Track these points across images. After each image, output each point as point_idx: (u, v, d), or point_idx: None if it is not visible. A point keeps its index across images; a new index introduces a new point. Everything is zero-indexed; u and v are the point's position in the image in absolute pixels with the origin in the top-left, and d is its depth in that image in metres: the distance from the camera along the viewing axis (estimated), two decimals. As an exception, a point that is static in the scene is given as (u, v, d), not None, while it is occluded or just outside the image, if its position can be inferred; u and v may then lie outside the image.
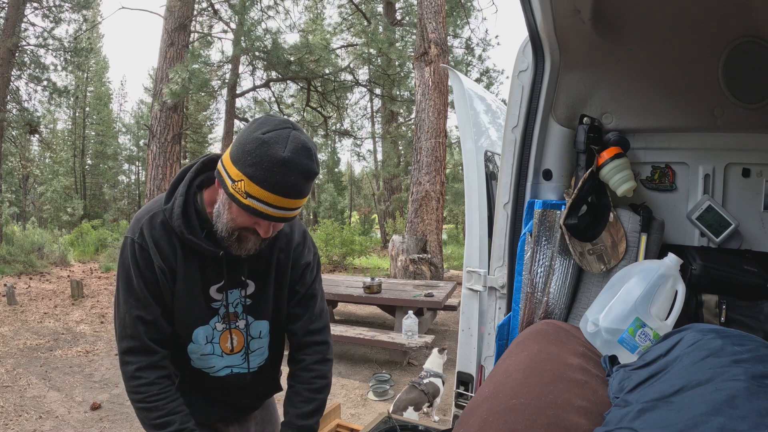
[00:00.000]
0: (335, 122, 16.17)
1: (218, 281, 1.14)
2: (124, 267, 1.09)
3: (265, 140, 0.94)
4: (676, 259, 1.18)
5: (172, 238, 1.09)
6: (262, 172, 0.94)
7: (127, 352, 1.09)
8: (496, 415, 0.81)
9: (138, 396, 1.08)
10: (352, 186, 27.54)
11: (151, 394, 1.08)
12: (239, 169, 0.96)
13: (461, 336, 1.79)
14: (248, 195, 0.97)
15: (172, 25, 9.86)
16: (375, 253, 15.01)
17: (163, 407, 1.08)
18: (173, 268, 1.10)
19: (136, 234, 1.08)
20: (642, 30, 1.27)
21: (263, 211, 0.98)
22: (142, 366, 1.08)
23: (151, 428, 1.09)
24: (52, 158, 22.03)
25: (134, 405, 1.10)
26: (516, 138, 1.48)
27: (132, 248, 1.08)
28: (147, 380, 1.08)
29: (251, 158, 0.95)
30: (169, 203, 1.07)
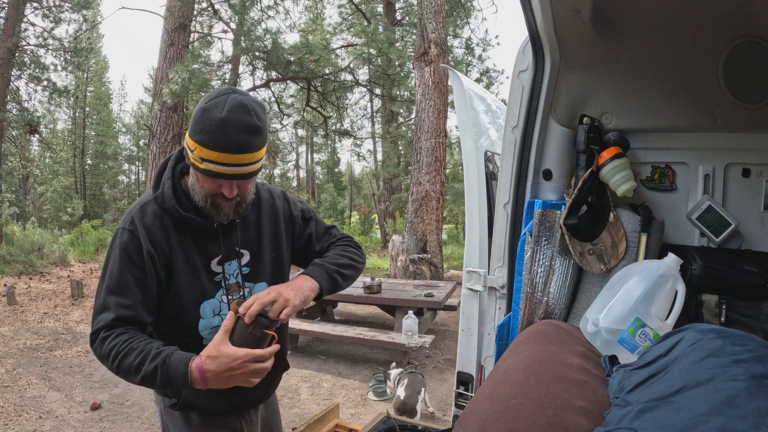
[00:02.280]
0: (335, 122, 16.17)
1: (216, 254, 1.20)
2: (110, 255, 1.12)
3: (206, 107, 1.05)
4: (676, 259, 1.18)
5: (164, 222, 1.14)
6: (207, 135, 1.04)
7: (97, 331, 1.08)
8: (496, 415, 0.81)
9: (111, 351, 1.04)
10: (352, 186, 27.54)
11: (122, 341, 1.05)
12: (192, 139, 1.07)
13: (461, 336, 1.79)
14: (203, 159, 1.06)
15: (172, 25, 9.86)
16: (375, 253, 15.01)
17: (137, 345, 1.04)
18: (166, 254, 1.13)
19: (127, 223, 1.13)
20: (642, 30, 1.27)
21: (218, 171, 1.06)
22: (110, 331, 1.07)
23: (135, 372, 1.03)
24: (52, 158, 22.02)
25: (113, 365, 1.05)
26: (516, 138, 1.48)
27: (122, 236, 1.12)
28: (115, 333, 1.06)
29: (198, 126, 1.06)
30: (159, 190, 1.15)
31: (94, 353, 1.09)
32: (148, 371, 1.02)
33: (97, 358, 1.09)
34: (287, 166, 24.07)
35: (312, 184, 24.74)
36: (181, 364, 1.03)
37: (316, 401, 3.74)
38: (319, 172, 26.26)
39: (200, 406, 1.23)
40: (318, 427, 2.39)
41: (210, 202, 1.13)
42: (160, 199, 1.15)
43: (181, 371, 1.02)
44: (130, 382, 1.08)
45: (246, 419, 1.35)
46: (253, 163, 1.10)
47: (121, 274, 1.09)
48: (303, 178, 25.32)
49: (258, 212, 1.30)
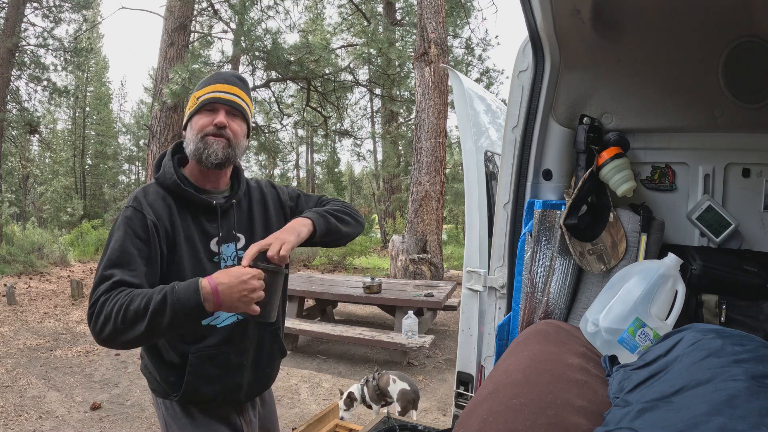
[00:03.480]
0: (335, 122, 16.17)
1: (215, 234, 1.25)
2: (113, 233, 1.13)
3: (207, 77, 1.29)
4: (676, 259, 1.18)
5: (166, 201, 1.20)
6: (203, 83, 1.26)
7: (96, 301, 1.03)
8: (496, 415, 0.81)
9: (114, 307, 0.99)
10: (352, 186, 27.54)
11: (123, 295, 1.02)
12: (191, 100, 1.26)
13: (461, 336, 1.79)
14: (198, 98, 1.23)
15: (172, 25, 9.85)
16: (375, 253, 15.01)
17: (139, 293, 1.02)
18: (168, 230, 1.16)
19: (131, 201, 1.17)
20: (642, 30, 1.27)
21: (212, 97, 1.22)
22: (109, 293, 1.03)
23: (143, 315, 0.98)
24: (52, 158, 22.03)
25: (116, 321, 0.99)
26: (516, 138, 1.48)
27: (125, 212, 1.15)
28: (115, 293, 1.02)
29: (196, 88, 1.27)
30: (160, 171, 1.23)
31: (94, 327, 1.01)
32: (157, 304, 0.98)
33: (97, 329, 1.00)
34: (287, 166, 24.08)
35: (312, 184, 24.74)
36: (191, 284, 1.03)
37: (316, 401, 3.74)
38: (319, 172, 26.28)
39: (203, 392, 1.22)
40: (318, 427, 2.39)
41: (203, 141, 1.20)
42: (162, 179, 1.21)
43: (192, 288, 1.01)
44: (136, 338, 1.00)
45: (246, 418, 1.36)
46: (241, 100, 1.26)
47: (124, 246, 1.08)
48: (303, 178, 25.32)
49: (249, 200, 1.37)
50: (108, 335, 1.00)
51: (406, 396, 3.06)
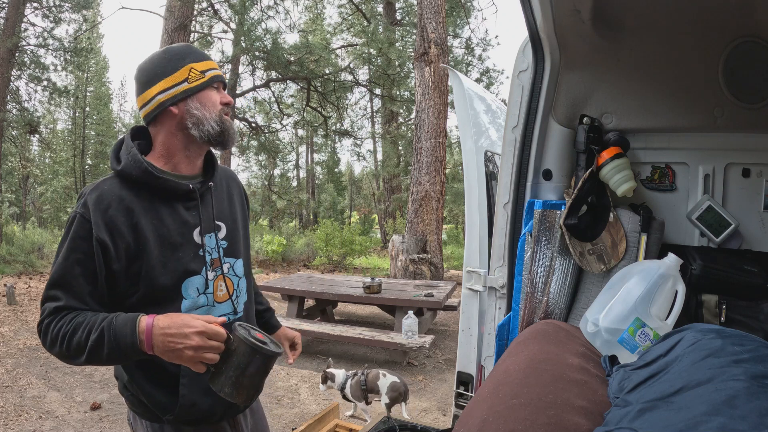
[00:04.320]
0: (335, 122, 16.17)
1: (196, 224, 1.11)
2: (62, 243, 1.03)
3: (168, 47, 1.14)
4: (676, 259, 1.18)
5: (124, 202, 1.03)
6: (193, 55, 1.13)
7: (41, 322, 0.99)
8: (496, 415, 0.81)
9: (59, 334, 0.95)
10: (352, 186, 27.54)
11: (68, 320, 0.97)
12: (179, 68, 1.10)
13: (461, 336, 1.79)
14: (202, 72, 1.12)
15: (172, 25, 9.85)
16: (375, 253, 15.02)
17: (82, 319, 0.97)
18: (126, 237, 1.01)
19: (79, 206, 1.02)
20: (642, 30, 1.27)
21: (219, 74, 1.16)
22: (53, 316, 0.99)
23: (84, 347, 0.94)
24: (52, 158, 22.02)
25: (61, 349, 0.96)
26: (516, 138, 1.48)
27: (72, 222, 1.01)
28: (59, 316, 0.98)
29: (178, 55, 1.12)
30: (121, 163, 1.06)
31: (43, 344, 1.00)
32: (94, 341, 0.93)
33: (47, 347, 0.99)
34: (287, 166, 24.06)
35: (312, 184, 24.74)
36: (128, 321, 0.94)
37: (316, 401, 3.74)
38: (319, 172, 26.27)
39: (200, 408, 1.10)
40: (318, 427, 2.39)
41: (221, 117, 1.13)
42: (128, 169, 1.04)
43: (129, 327, 0.93)
44: (83, 363, 0.97)
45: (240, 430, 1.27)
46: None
47: (67, 266, 0.99)
48: (303, 178, 25.32)
49: (225, 183, 1.26)
50: (57, 356, 0.99)
51: (397, 387, 3.07)
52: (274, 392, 3.90)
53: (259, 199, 19.96)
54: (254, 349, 0.94)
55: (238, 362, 0.94)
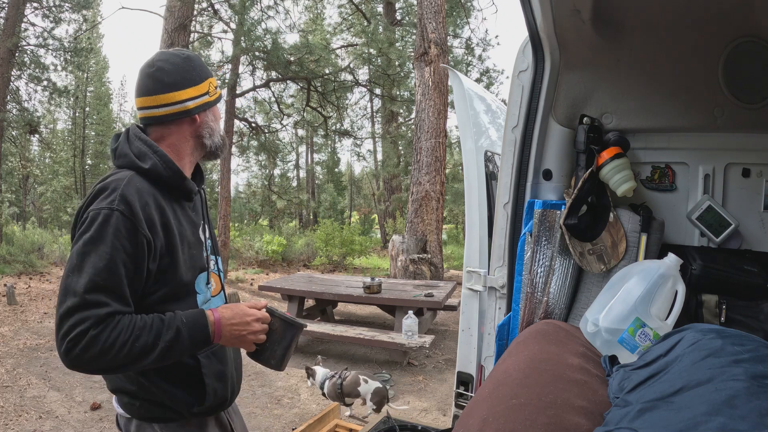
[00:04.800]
0: (335, 122, 16.16)
1: (199, 222, 1.19)
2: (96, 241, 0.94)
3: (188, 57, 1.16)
4: (676, 259, 1.18)
5: (156, 199, 1.04)
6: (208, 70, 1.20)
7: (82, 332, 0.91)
8: (496, 415, 0.81)
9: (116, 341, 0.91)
10: (352, 186, 27.53)
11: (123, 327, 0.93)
12: (203, 80, 1.17)
13: (461, 336, 1.79)
14: (216, 88, 1.21)
15: (172, 25, 9.85)
16: (375, 253, 15.02)
17: (140, 324, 0.95)
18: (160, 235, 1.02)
19: (116, 203, 0.96)
20: (642, 30, 1.27)
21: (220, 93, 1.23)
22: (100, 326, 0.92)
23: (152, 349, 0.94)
24: (52, 158, 22.02)
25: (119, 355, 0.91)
26: (516, 138, 1.48)
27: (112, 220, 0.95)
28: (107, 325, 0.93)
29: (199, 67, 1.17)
30: (145, 161, 1.06)
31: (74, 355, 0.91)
32: (168, 342, 0.96)
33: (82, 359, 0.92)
34: (287, 166, 24.06)
35: (312, 184, 24.74)
36: (198, 319, 1.01)
37: (316, 401, 3.74)
38: (319, 172, 26.26)
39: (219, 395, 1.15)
40: (318, 427, 2.39)
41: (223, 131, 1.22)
42: (157, 169, 1.06)
43: (201, 324, 1.01)
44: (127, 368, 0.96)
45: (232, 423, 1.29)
46: None
47: (112, 267, 0.94)
48: (303, 178, 25.32)
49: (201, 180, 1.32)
50: (92, 368, 0.93)
51: (380, 392, 3.06)
52: (274, 392, 3.91)
53: (259, 199, 19.96)
54: (291, 324, 1.16)
55: (279, 337, 1.14)
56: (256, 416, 3.46)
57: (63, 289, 0.94)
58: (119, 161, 1.08)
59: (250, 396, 3.82)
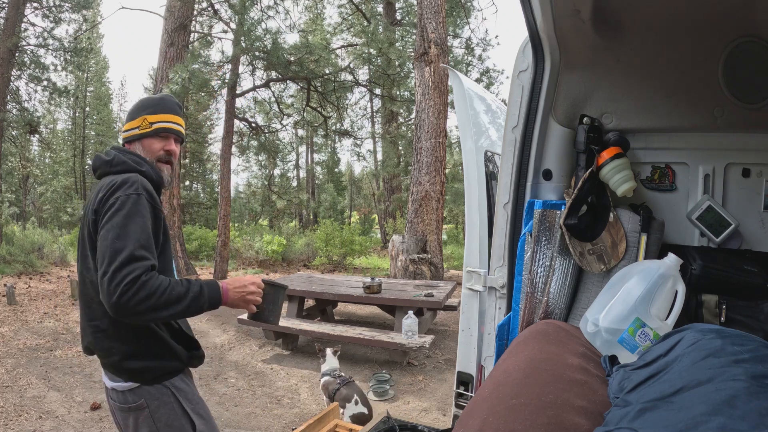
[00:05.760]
0: (335, 122, 16.16)
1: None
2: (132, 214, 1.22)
3: (144, 98, 1.49)
4: (676, 259, 1.18)
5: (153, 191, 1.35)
6: (153, 107, 1.45)
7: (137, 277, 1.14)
8: (496, 415, 0.81)
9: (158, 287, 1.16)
10: (352, 186, 27.54)
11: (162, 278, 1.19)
12: (137, 117, 1.44)
13: (461, 336, 1.79)
14: (152, 123, 1.43)
15: (172, 25, 9.85)
16: (375, 253, 15.02)
17: (176, 282, 1.22)
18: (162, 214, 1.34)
19: (141, 190, 1.27)
20: (642, 30, 1.27)
21: (167, 127, 1.45)
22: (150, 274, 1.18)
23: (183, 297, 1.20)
24: (52, 158, 22.03)
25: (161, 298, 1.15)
26: (516, 138, 1.48)
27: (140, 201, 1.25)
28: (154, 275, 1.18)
29: (141, 107, 1.45)
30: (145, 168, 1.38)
31: (126, 298, 1.12)
32: (195, 294, 1.23)
33: (132, 301, 1.13)
34: (287, 166, 24.07)
35: (312, 184, 24.74)
36: (213, 283, 1.29)
37: (316, 401, 3.74)
38: (319, 172, 26.26)
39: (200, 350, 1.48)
40: (318, 427, 2.39)
41: (157, 161, 1.43)
42: (148, 175, 1.37)
43: (215, 287, 1.28)
44: (160, 316, 1.18)
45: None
46: (183, 129, 1.52)
47: (148, 233, 1.23)
48: (303, 178, 25.33)
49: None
50: (140, 309, 1.14)
51: (361, 419, 3.03)
52: (274, 392, 3.91)
53: (259, 199, 19.97)
54: (279, 287, 1.42)
55: (271, 299, 1.40)
56: (256, 416, 3.46)
57: (112, 251, 1.17)
58: (119, 167, 1.36)
59: (250, 396, 3.82)
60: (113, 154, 1.39)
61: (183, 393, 1.37)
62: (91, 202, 1.29)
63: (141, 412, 1.31)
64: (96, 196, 1.28)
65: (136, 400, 1.31)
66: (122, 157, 1.38)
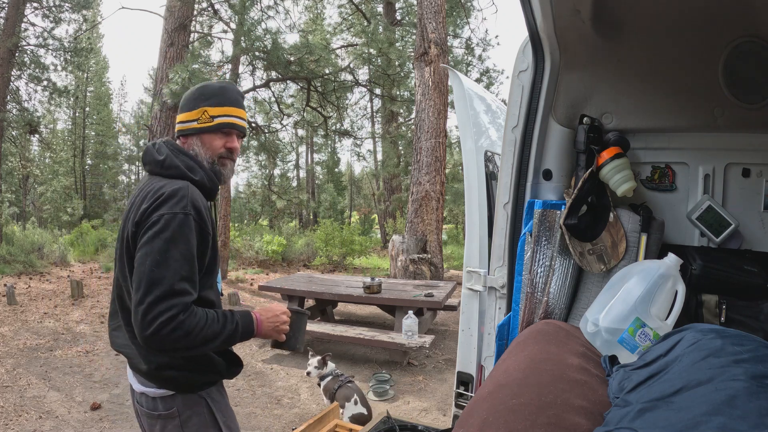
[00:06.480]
0: (335, 122, 16.15)
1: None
2: (176, 239, 1.13)
3: (202, 85, 1.34)
4: (676, 259, 1.18)
5: (205, 204, 1.25)
6: (214, 98, 1.30)
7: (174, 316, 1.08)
8: (496, 415, 0.81)
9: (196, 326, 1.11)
10: (352, 186, 27.53)
11: (200, 315, 1.13)
12: (195, 108, 1.29)
13: (461, 336, 1.79)
14: (213, 117, 1.29)
15: (172, 25, 9.85)
16: (375, 253, 15.01)
17: (210, 315, 1.16)
18: (211, 231, 1.25)
19: (189, 208, 1.17)
20: (642, 30, 1.27)
21: (231, 122, 1.31)
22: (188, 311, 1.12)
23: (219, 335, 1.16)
24: (52, 158, 22.02)
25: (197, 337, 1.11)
26: (516, 138, 1.48)
27: (186, 221, 1.15)
28: (191, 312, 1.12)
29: (201, 96, 1.30)
30: (198, 176, 1.27)
31: (162, 336, 1.07)
32: (230, 330, 1.19)
33: (169, 339, 1.08)
34: (287, 166, 24.06)
35: (312, 184, 24.73)
36: (246, 316, 1.25)
37: (316, 401, 3.74)
38: (319, 172, 26.25)
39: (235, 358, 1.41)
40: (318, 427, 2.39)
41: (218, 159, 1.32)
42: (201, 184, 1.27)
43: (248, 320, 1.24)
44: (202, 350, 1.15)
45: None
46: (246, 121, 1.38)
47: (191, 261, 1.15)
48: (303, 178, 25.31)
49: None
50: (172, 347, 1.10)
51: (360, 420, 3.03)
52: (274, 392, 3.91)
53: (259, 199, 19.96)
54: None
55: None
56: (256, 416, 3.46)
57: (149, 280, 1.09)
58: (170, 171, 1.25)
59: (250, 396, 3.82)
60: (165, 152, 1.27)
61: (217, 404, 1.33)
62: (134, 208, 1.20)
63: (170, 421, 1.25)
64: (140, 204, 1.18)
65: (168, 408, 1.26)
66: (175, 159, 1.26)
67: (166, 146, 1.29)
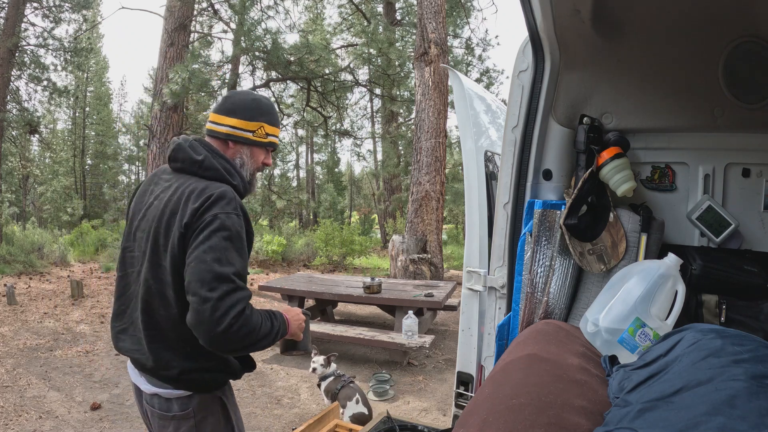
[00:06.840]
0: (335, 122, 16.15)
1: None
2: (233, 239, 1.17)
3: (257, 98, 1.39)
4: (676, 259, 1.18)
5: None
6: (269, 116, 1.39)
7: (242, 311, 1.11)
8: (496, 415, 0.81)
9: (258, 322, 1.15)
10: (352, 186, 27.53)
11: (257, 313, 1.17)
12: (254, 121, 1.36)
13: (461, 336, 1.79)
14: (268, 134, 1.39)
15: (172, 25, 9.85)
16: (375, 253, 15.01)
17: (262, 313, 1.21)
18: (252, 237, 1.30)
19: (239, 209, 1.22)
20: (642, 30, 1.27)
21: (276, 142, 1.42)
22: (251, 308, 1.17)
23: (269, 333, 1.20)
24: (52, 158, 22.03)
25: (257, 334, 1.15)
26: (516, 138, 1.48)
27: (239, 221, 1.20)
28: (252, 308, 1.16)
29: (259, 111, 1.37)
30: (236, 180, 1.31)
31: (233, 331, 1.09)
32: (277, 327, 1.23)
33: (238, 335, 1.11)
34: (287, 166, 24.06)
35: (312, 184, 24.73)
36: (279, 316, 1.29)
37: (316, 401, 3.74)
38: (319, 172, 26.26)
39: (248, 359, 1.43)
40: (318, 427, 2.39)
41: (254, 173, 1.40)
42: (242, 186, 1.33)
43: (282, 320, 1.28)
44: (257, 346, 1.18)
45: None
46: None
47: (246, 258, 1.21)
48: (303, 178, 25.32)
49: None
50: (238, 345, 1.12)
51: (360, 419, 3.03)
52: (274, 392, 3.91)
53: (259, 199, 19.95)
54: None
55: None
56: (256, 416, 3.46)
57: (213, 276, 1.10)
58: (209, 173, 1.27)
59: (250, 396, 3.82)
60: (203, 154, 1.27)
61: (230, 403, 1.36)
62: (178, 209, 1.19)
63: (185, 422, 1.25)
64: (187, 206, 1.17)
65: (184, 408, 1.25)
66: (214, 161, 1.28)
67: (202, 146, 1.30)
